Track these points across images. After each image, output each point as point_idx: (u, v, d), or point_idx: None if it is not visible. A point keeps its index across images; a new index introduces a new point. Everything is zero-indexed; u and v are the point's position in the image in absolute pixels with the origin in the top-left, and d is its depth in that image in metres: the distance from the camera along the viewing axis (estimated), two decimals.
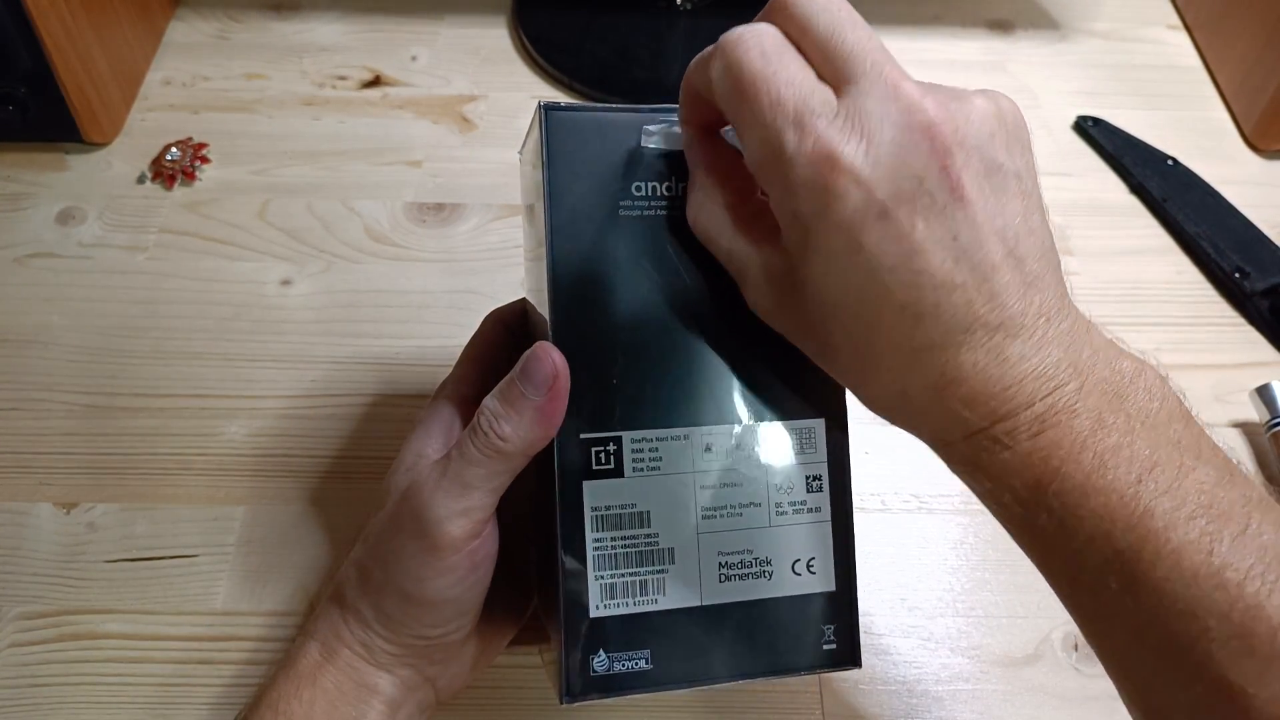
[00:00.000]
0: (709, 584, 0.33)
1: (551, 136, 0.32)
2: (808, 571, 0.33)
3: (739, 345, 0.33)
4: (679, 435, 0.32)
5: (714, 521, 0.33)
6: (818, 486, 0.34)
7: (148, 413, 0.48)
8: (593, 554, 0.32)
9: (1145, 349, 0.53)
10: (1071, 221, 0.59)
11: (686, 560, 0.32)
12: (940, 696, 0.41)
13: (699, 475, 0.33)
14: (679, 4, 0.67)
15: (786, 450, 0.33)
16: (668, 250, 0.33)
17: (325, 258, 0.55)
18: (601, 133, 0.33)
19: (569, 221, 0.32)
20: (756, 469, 0.33)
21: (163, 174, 0.58)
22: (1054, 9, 0.71)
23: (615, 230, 0.32)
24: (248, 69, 0.64)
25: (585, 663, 0.32)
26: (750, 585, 0.33)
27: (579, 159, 0.32)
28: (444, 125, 0.62)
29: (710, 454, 0.33)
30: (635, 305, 0.32)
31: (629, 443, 0.32)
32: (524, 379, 0.31)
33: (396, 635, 0.33)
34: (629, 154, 0.33)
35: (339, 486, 0.46)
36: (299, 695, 0.33)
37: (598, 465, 0.32)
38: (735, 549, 0.33)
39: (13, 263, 0.54)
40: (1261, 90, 0.62)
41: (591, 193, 0.32)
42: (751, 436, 0.33)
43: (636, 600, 0.32)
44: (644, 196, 0.33)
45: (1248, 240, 0.57)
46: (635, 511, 0.32)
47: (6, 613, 0.42)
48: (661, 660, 0.32)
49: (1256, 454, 0.49)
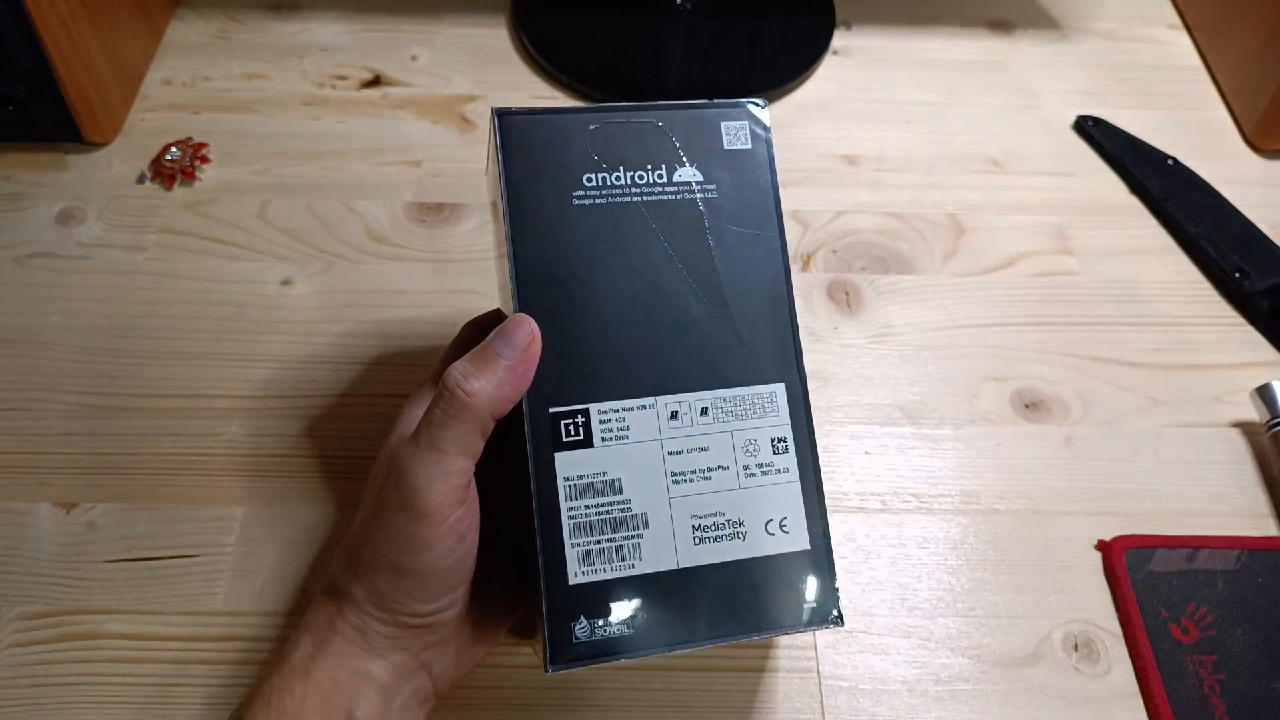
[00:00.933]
0: (684, 547, 0.34)
1: (505, 138, 0.36)
2: (781, 531, 0.35)
3: (698, 315, 0.35)
4: (645, 405, 0.35)
5: (684, 486, 0.34)
6: (783, 448, 0.35)
7: (148, 413, 0.48)
8: (568, 523, 0.34)
9: (1145, 349, 0.53)
10: (1071, 221, 0.59)
11: (660, 524, 0.34)
12: (940, 696, 0.41)
13: (666, 442, 0.35)
14: (679, 4, 0.67)
15: (750, 414, 0.35)
16: (621, 232, 0.36)
17: (325, 258, 0.55)
18: (551, 132, 0.36)
19: (527, 213, 0.36)
20: (722, 434, 0.35)
21: (163, 174, 0.58)
22: (1054, 9, 0.71)
23: (570, 218, 0.36)
24: (248, 69, 0.64)
25: (567, 630, 0.33)
26: (725, 547, 0.34)
27: (532, 157, 0.36)
28: (444, 125, 0.62)
29: (676, 421, 0.35)
30: (594, 285, 0.35)
31: (596, 414, 0.34)
32: (500, 343, 0.33)
33: (390, 614, 0.34)
34: (579, 149, 0.36)
35: (339, 486, 0.46)
36: (291, 690, 0.33)
37: (568, 437, 0.34)
38: (707, 511, 0.34)
39: (13, 263, 0.54)
40: (1261, 90, 0.62)
41: (546, 185, 0.36)
42: (715, 402, 0.35)
43: (614, 566, 0.34)
44: (595, 186, 0.36)
45: (1248, 240, 0.57)
46: (607, 479, 0.34)
47: (6, 613, 0.42)
48: (642, 624, 0.33)
49: (1256, 454, 0.49)
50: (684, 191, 0.36)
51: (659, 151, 0.37)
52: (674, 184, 0.36)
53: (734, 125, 0.37)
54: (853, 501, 0.47)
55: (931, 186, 0.60)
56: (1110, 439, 0.49)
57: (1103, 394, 0.51)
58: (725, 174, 0.37)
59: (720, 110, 0.37)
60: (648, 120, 0.37)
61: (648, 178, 0.36)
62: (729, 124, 0.37)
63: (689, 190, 0.36)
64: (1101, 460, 0.49)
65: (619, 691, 0.41)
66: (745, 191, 0.37)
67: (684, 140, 0.37)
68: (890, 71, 0.67)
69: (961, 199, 0.60)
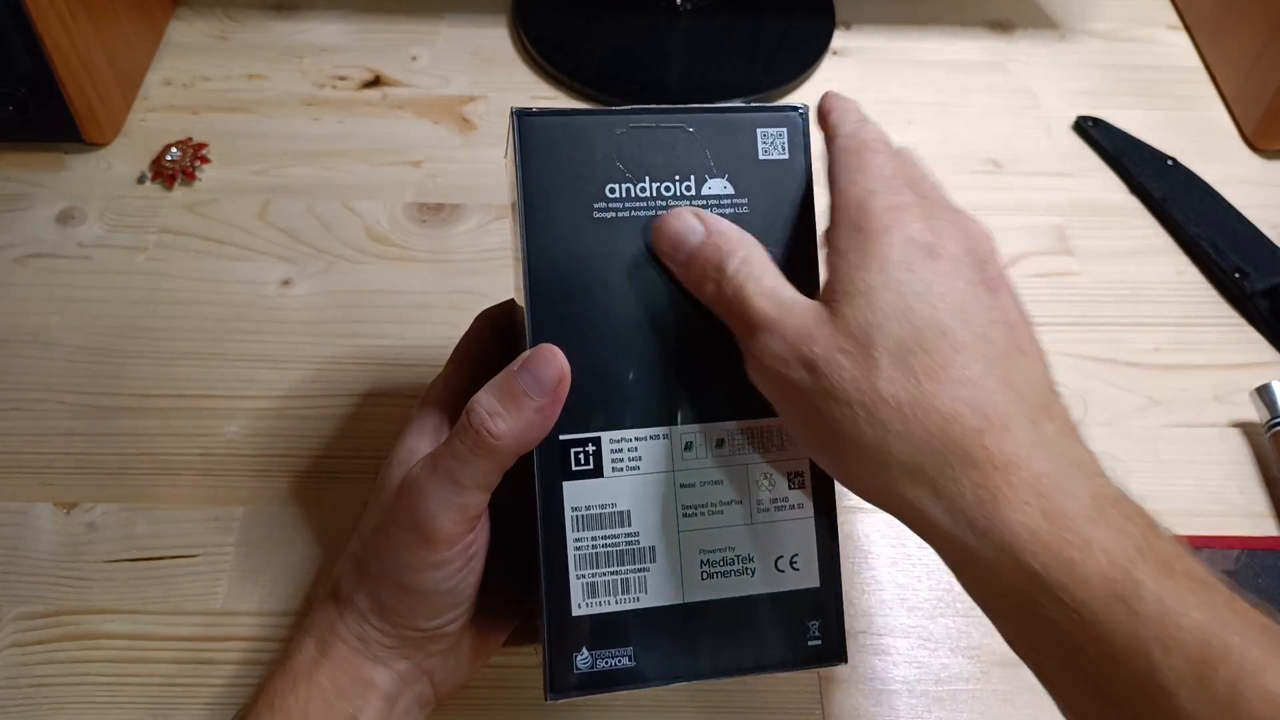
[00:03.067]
0: (691, 581, 0.33)
1: (524, 141, 0.33)
2: (791, 568, 0.34)
3: (717, 343, 0.33)
4: (658, 434, 0.33)
5: (695, 519, 0.33)
6: (799, 483, 0.34)
7: (148, 413, 0.48)
8: (573, 553, 0.32)
9: (1145, 349, 0.53)
10: (1071, 221, 0.59)
11: (668, 558, 0.33)
12: (940, 697, 0.41)
13: (679, 474, 0.33)
14: (679, 4, 0.67)
15: (768, 448, 0.34)
16: (643, 251, 0.33)
17: (325, 258, 0.55)
18: (574, 136, 0.33)
19: (545, 225, 0.33)
20: (737, 466, 0.33)
21: (163, 174, 0.58)
22: (1054, 9, 0.71)
23: (591, 232, 0.33)
24: (248, 69, 0.64)
25: (569, 660, 0.32)
26: (733, 582, 0.33)
27: (552, 163, 0.33)
28: (444, 125, 0.62)
29: (690, 452, 0.33)
30: (612, 306, 0.33)
31: (608, 443, 0.33)
32: (528, 379, 0.31)
33: (392, 626, 0.33)
34: (603, 156, 0.33)
35: (339, 487, 0.46)
36: (295, 692, 0.33)
37: (577, 466, 0.33)
38: (717, 546, 0.33)
39: (12, 263, 0.54)
40: (1261, 90, 0.62)
41: (566, 195, 0.33)
42: (731, 434, 0.33)
43: (619, 599, 0.33)
44: (619, 198, 0.33)
45: (1248, 240, 0.57)
46: (615, 511, 0.33)
47: (6, 613, 0.42)
48: (645, 657, 0.33)
49: (1257, 454, 0.49)
50: (713, 206, 0.34)
51: (689, 161, 0.34)
52: (702, 197, 0.34)
53: (771, 133, 0.35)
54: (853, 501, 0.47)
55: None
56: (1110, 439, 0.49)
57: (1103, 394, 0.51)
58: (758, 186, 0.34)
59: (757, 116, 0.35)
60: (678, 125, 0.34)
61: (675, 189, 0.34)
62: (765, 130, 0.34)
63: (719, 205, 0.34)
64: (1101, 460, 0.49)
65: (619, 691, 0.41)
66: (777, 206, 0.34)
67: (716, 149, 0.34)
68: (890, 72, 0.67)
69: (961, 199, 0.59)
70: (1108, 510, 0.27)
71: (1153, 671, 0.24)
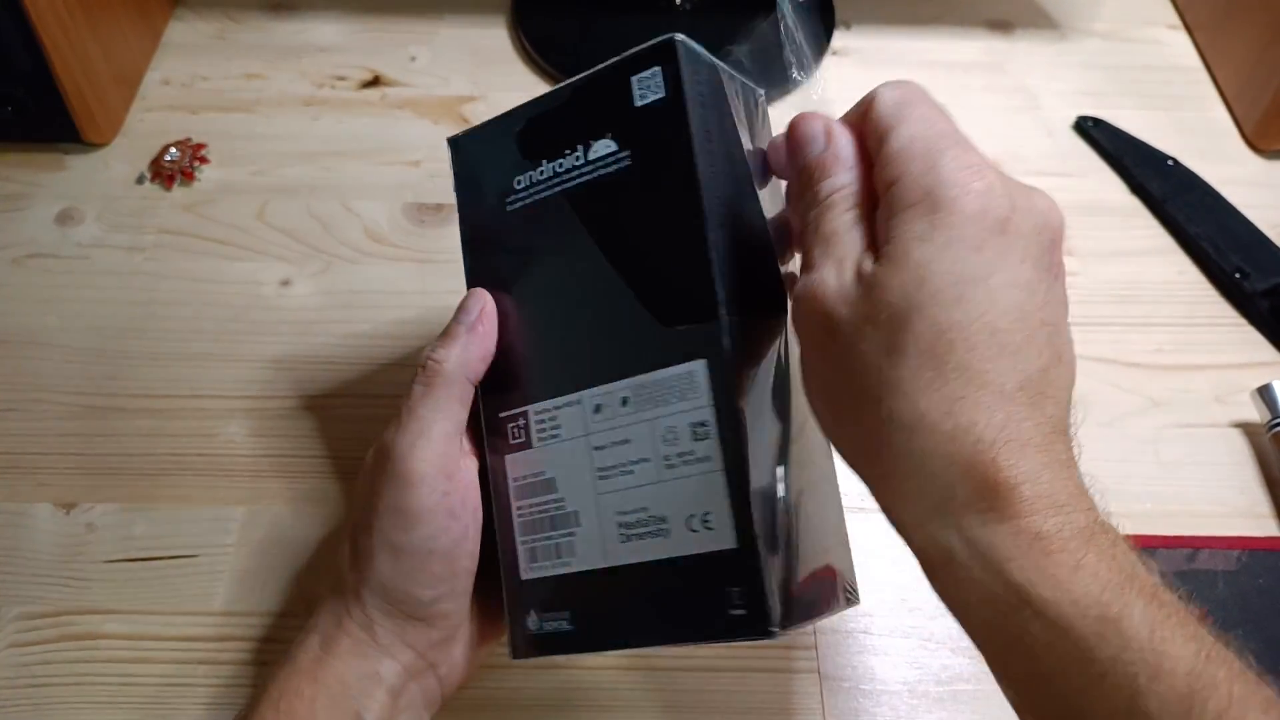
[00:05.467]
0: (611, 545, 0.33)
1: (455, 163, 0.37)
2: (704, 528, 0.31)
3: (617, 301, 0.33)
4: (571, 401, 0.34)
5: (609, 481, 0.33)
6: (704, 434, 0.31)
7: (147, 413, 0.48)
8: (518, 521, 0.35)
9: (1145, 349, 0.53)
10: (1071, 222, 0.58)
11: (589, 522, 0.33)
12: (940, 697, 0.41)
13: (592, 437, 0.33)
14: (679, 4, 0.67)
15: (669, 399, 0.32)
16: (545, 229, 0.35)
17: (324, 258, 0.55)
18: (487, 145, 0.36)
19: (474, 231, 0.37)
20: (642, 423, 0.32)
21: (161, 174, 0.58)
22: (1054, 9, 0.71)
23: (506, 225, 0.36)
24: (246, 69, 0.64)
25: (523, 623, 0.34)
26: (648, 545, 0.32)
27: (476, 175, 0.37)
28: (443, 125, 0.62)
29: (599, 414, 0.33)
30: (528, 288, 0.35)
31: (534, 415, 0.35)
32: (459, 315, 0.35)
33: (392, 604, 0.34)
34: (509, 154, 0.36)
35: (338, 487, 0.46)
36: (300, 692, 0.33)
37: (514, 440, 0.35)
38: (631, 508, 0.32)
39: (11, 263, 0.54)
40: (1262, 90, 0.61)
41: (486, 199, 0.36)
42: (634, 390, 0.32)
43: (553, 563, 0.34)
44: (524, 188, 0.35)
45: (1248, 240, 0.57)
46: (544, 479, 0.34)
47: (6, 613, 0.42)
48: (579, 622, 0.33)
49: (1257, 454, 0.49)
50: (600, 168, 0.33)
51: (575, 131, 0.34)
52: (590, 162, 0.34)
53: (645, 76, 0.33)
54: (853, 501, 0.47)
55: None
56: (1110, 439, 0.49)
57: (1103, 394, 0.51)
58: (640, 135, 0.33)
59: (628, 62, 0.34)
60: (564, 101, 0.35)
61: (566, 163, 0.34)
62: (640, 76, 0.33)
63: (604, 165, 0.33)
64: (1102, 461, 0.48)
65: (619, 691, 0.41)
66: (659, 151, 0.32)
67: (597, 110, 0.34)
68: (890, 72, 0.67)
69: None
70: (1098, 536, 0.26)
71: (1136, 697, 0.23)
